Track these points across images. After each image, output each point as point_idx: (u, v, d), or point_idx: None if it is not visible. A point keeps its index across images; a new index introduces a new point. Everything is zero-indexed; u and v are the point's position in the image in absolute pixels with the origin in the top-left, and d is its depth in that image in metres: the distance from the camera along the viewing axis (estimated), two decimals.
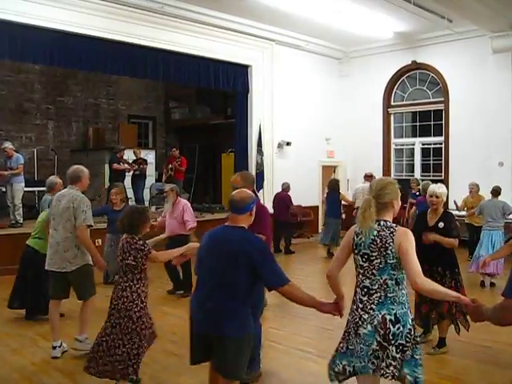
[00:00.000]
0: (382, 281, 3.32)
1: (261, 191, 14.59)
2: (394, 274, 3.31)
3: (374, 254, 3.35)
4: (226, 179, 16.01)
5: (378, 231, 3.35)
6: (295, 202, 13.65)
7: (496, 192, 9.77)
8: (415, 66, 15.41)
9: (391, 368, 3.22)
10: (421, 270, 3.23)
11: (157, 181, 15.48)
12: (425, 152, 15.73)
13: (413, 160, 15.99)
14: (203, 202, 15.60)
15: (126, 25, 11.73)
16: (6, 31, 10.22)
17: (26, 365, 5.49)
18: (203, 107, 18.91)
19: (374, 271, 3.36)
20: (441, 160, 15.08)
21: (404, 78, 15.97)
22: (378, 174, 14.36)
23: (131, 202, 13.81)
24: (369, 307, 3.34)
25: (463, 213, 10.94)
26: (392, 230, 3.34)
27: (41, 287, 6.79)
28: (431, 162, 15.53)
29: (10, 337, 6.41)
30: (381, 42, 15.29)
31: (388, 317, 3.26)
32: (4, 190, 11.61)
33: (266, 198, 13.95)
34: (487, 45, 13.21)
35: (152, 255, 4.54)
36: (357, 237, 3.46)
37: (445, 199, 5.77)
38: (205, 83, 14.08)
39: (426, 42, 14.78)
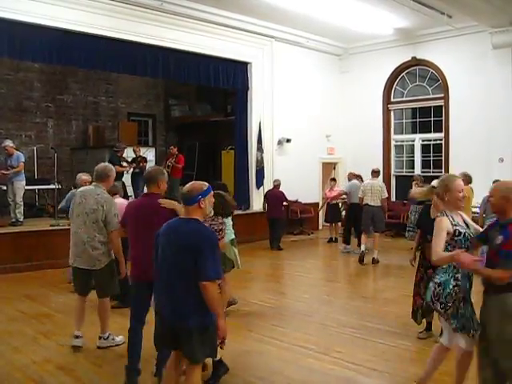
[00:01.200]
0: None
1: (261, 188, 14.62)
2: None
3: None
4: (226, 176, 16.01)
5: None
6: (295, 198, 13.66)
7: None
8: (415, 62, 15.40)
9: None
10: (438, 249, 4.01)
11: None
12: (425, 148, 15.72)
13: (413, 156, 15.98)
14: None
15: (125, 22, 11.70)
16: (5, 29, 10.19)
17: (27, 363, 5.49)
18: (203, 105, 18.89)
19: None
20: (441, 156, 15.07)
21: (404, 74, 15.95)
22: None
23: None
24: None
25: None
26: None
27: None
28: (431, 158, 15.52)
29: (11, 335, 6.40)
30: (381, 39, 15.26)
31: (436, 281, 4.21)
32: (5, 188, 11.61)
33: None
34: (487, 40, 13.19)
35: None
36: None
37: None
38: (205, 81, 14.06)
39: (425, 38, 14.77)
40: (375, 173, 12.36)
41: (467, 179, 9.92)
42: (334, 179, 14.05)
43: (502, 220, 3.90)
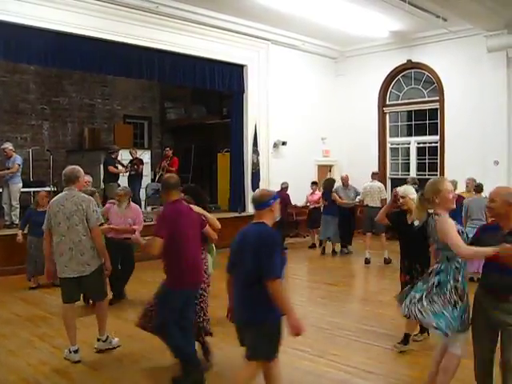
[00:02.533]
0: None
1: (256, 191, 14.59)
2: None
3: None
4: (222, 179, 16.04)
5: None
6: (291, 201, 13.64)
7: (479, 188, 9.86)
8: (410, 65, 15.44)
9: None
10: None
11: (152, 181, 15.46)
12: (420, 151, 15.75)
13: (408, 159, 16.01)
14: None
15: (121, 25, 11.70)
16: (0, 32, 10.17)
17: (22, 366, 5.47)
18: (199, 107, 18.89)
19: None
20: (436, 159, 15.11)
21: (399, 77, 15.99)
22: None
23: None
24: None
25: None
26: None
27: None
28: (427, 160, 15.55)
29: (6, 338, 6.38)
30: (376, 42, 15.31)
31: (435, 282, 4.18)
32: (0, 190, 11.58)
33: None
34: (482, 44, 13.24)
35: None
36: None
37: (413, 197, 5.72)
38: (200, 83, 14.07)
39: (421, 41, 14.81)
40: (375, 175, 12.50)
41: (453, 185, 9.95)
42: (315, 183, 14.03)
43: (505, 226, 3.89)
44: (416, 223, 5.40)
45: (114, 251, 6.82)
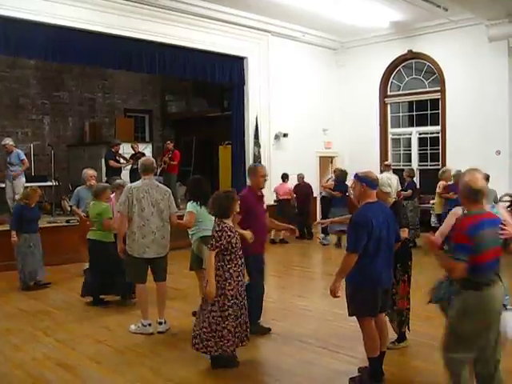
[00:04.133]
0: None
1: None
2: None
3: None
4: (224, 172, 16.02)
5: None
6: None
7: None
8: (411, 55, 15.38)
9: None
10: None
11: (155, 174, 15.43)
12: (422, 141, 15.73)
13: (410, 149, 15.99)
14: None
15: (120, 18, 11.67)
16: (0, 27, 10.15)
17: (27, 360, 5.49)
18: (200, 100, 18.87)
19: None
20: (438, 149, 15.08)
21: (400, 67, 15.94)
22: (376, 164, 14.38)
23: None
24: None
25: None
26: None
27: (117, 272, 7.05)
28: (428, 151, 15.53)
29: (10, 333, 6.41)
30: (377, 32, 15.23)
31: None
32: (3, 185, 11.59)
33: (264, 191, 13.88)
34: (483, 33, 13.18)
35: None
36: None
37: (386, 190, 5.30)
38: (201, 76, 14.05)
39: (421, 31, 14.75)
40: (386, 166, 12.66)
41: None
42: (286, 174, 13.99)
43: None
44: None
45: None
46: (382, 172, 12.50)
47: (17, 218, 8.58)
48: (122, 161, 13.49)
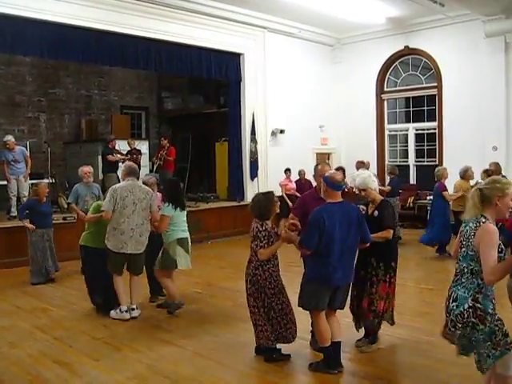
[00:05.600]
0: (462, 267, 3.65)
1: (255, 179, 14.61)
2: (470, 265, 3.58)
3: (463, 242, 3.66)
4: (220, 168, 16.00)
5: (470, 222, 3.64)
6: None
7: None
8: (408, 51, 15.37)
9: (449, 332, 3.68)
10: (493, 267, 3.40)
11: (150, 171, 15.45)
12: (418, 137, 15.73)
13: (407, 146, 16.00)
14: (198, 191, 15.60)
15: (116, 15, 11.64)
16: None
17: (24, 358, 5.49)
18: (196, 96, 18.83)
19: (460, 257, 3.70)
20: (435, 145, 15.10)
21: (397, 63, 15.93)
22: (372, 160, 14.40)
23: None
24: (452, 284, 3.73)
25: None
26: (478, 224, 3.56)
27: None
28: (425, 147, 15.54)
29: (7, 330, 6.40)
30: (373, 28, 15.23)
31: (453, 294, 3.65)
32: (4, 183, 11.58)
33: (261, 187, 13.92)
34: (480, 29, 13.19)
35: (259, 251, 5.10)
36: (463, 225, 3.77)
37: (374, 186, 5.42)
38: (197, 72, 14.03)
39: (418, 26, 14.74)
40: (361, 163, 12.67)
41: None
42: (289, 169, 14.03)
43: None
44: (375, 213, 5.35)
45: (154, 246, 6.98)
46: (357, 169, 12.60)
47: (23, 208, 8.94)
48: (118, 156, 13.50)
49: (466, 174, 10.54)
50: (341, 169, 13.50)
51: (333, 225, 4.64)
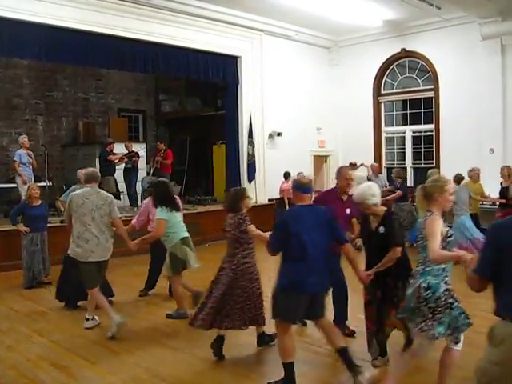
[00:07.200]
0: (423, 257, 4.14)
1: (252, 182, 14.61)
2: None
3: (420, 235, 4.19)
4: (218, 171, 16.00)
5: (422, 218, 4.22)
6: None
7: (459, 179, 10.19)
8: (405, 53, 15.40)
9: (422, 324, 4.03)
10: (436, 247, 3.90)
11: (148, 174, 15.43)
12: (416, 140, 15.76)
13: (404, 148, 16.02)
14: (195, 194, 15.59)
15: (113, 18, 11.66)
16: None
17: (21, 361, 5.48)
18: (193, 99, 18.83)
19: (419, 249, 4.21)
20: (432, 147, 15.12)
21: (394, 66, 15.97)
22: (369, 163, 14.41)
23: (124, 196, 13.76)
24: (416, 275, 4.20)
25: None
26: (425, 217, 4.12)
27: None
28: (422, 149, 15.56)
29: (4, 333, 6.39)
30: (370, 31, 15.26)
31: (423, 284, 4.05)
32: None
33: (258, 190, 13.95)
34: (476, 31, 13.22)
35: (248, 228, 5.42)
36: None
37: (372, 202, 4.98)
38: (194, 75, 14.04)
39: (415, 29, 14.78)
40: (352, 165, 12.90)
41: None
42: (288, 173, 13.99)
43: None
44: (381, 229, 4.94)
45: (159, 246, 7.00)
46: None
47: (14, 212, 8.76)
48: (119, 155, 13.55)
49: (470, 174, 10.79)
50: (352, 165, 13.58)
51: (300, 228, 4.50)
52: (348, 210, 5.97)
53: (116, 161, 13.45)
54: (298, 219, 4.59)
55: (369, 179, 12.35)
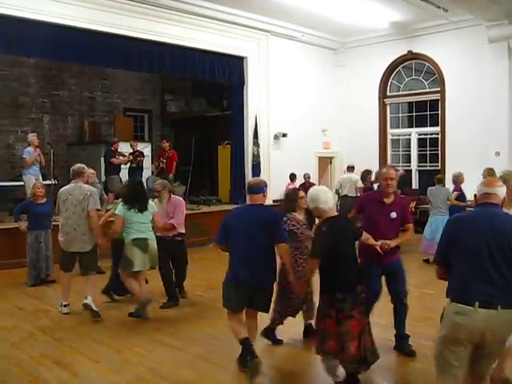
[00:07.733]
0: None
1: None
2: None
3: None
4: (223, 171, 16.00)
5: None
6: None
7: (440, 180, 10.51)
8: (411, 56, 15.39)
9: None
10: None
11: (152, 173, 15.45)
12: (421, 142, 15.74)
13: (409, 150, 16.00)
14: (200, 194, 15.60)
15: (120, 17, 11.68)
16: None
17: (24, 358, 5.50)
18: (199, 99, 18.84)
19: None
20: (437, 150, 15.10)
21: (400, 68, 15.95)
22: (375, 165, 14.35)
23: None
24: None
25: None
26: None
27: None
28: (428, 152, 15.54)
29: (8, 331, 6.41)
30: (376, 32, 15.24)
31: None
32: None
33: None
34: (483, 34, 13.19)
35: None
36: None
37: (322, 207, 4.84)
38: (200, 75, 14.05)
39: (421, 31, 14.77)
40: (350, 168, 13.18)
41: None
42: (294, 174, 14.22)
43: None
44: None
45: (163, 250, 7.01)
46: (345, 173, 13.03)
47: (18, 208, 8.91)
48: (121, 158, 13.54)
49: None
50: (350, 167, 13.61)
51: (237, 225, 4.93)
52: (393, 214, 5.45)
53: (120, 163, 13.45)
54: (238, 216, 5.06)
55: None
